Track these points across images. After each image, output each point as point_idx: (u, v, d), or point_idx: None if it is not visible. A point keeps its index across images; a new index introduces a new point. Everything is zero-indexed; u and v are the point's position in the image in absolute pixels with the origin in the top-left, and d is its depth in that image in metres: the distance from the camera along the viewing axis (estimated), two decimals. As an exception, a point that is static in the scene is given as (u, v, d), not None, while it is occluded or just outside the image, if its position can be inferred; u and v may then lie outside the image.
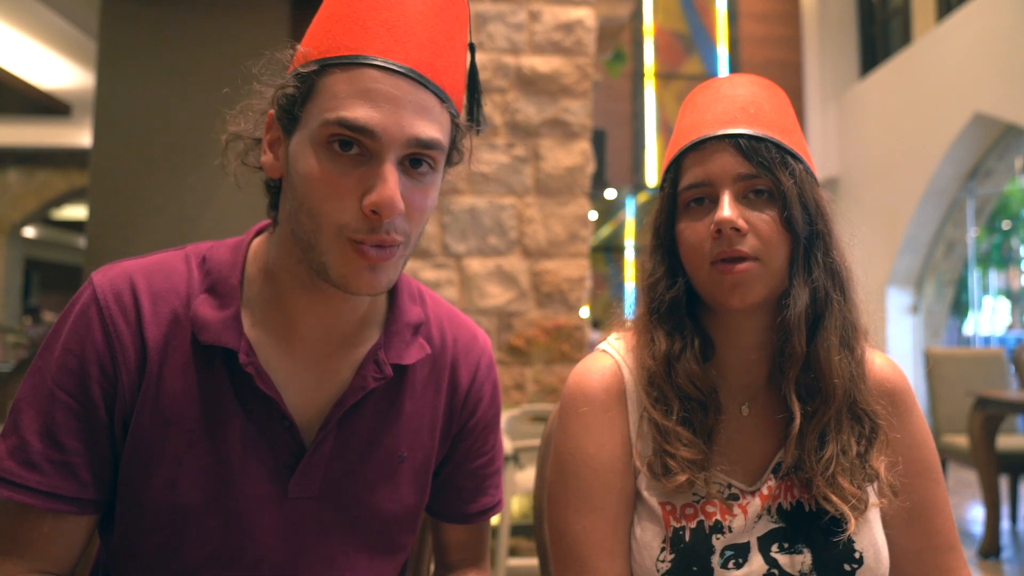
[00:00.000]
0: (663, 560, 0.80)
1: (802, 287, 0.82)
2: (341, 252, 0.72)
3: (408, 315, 0.87)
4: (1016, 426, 4.49)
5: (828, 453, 0.80)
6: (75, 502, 0.75)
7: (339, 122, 0.70)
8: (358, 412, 0.83)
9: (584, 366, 0.90)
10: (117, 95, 2.90)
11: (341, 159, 0.71)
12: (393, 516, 0.86)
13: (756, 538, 0.81)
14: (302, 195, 0.72)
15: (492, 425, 0.96)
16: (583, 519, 0.84)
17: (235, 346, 0.77)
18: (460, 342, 0.93)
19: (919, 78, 7.52)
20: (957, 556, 0.86)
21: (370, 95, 0.70)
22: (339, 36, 0.73)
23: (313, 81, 0.72)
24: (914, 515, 0.85)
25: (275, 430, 0.79)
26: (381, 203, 0.69)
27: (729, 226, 0.79)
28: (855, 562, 0.79)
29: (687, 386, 0.84)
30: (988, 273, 8.51)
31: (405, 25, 0.73)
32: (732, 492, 0.83)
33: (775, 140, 0.83)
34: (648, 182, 10.19)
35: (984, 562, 3.71)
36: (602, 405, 0.87)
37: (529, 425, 2.94)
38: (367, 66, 0.71)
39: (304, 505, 0.80)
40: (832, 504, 0.79)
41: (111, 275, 0.79)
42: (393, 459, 0.85)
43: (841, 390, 0.82)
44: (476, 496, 0.94)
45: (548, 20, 3.17)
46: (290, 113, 0.74)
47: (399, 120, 0.71)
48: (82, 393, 0.75)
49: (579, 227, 3.15)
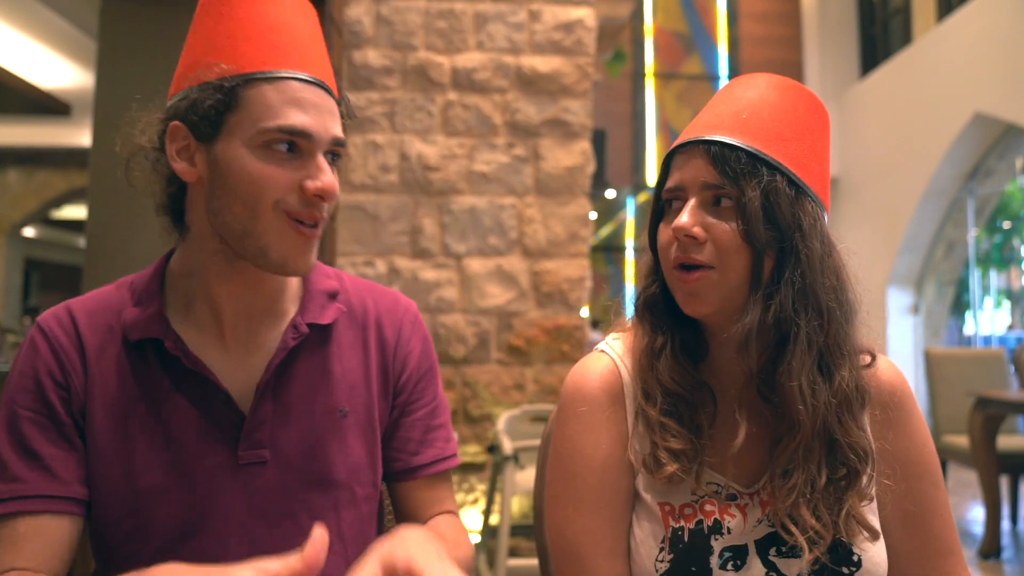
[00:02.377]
0: (662, 560, 0.80)
1: (757, 304, 0.78)
2: (281, 232, 0.82)
3: (321, 284, 0.96)
4: (1016, 426, 4.49)
5: (792, 482, 0.78)
6: (61, 500, 0.83)
7: (280, 128, 0.81)
8: (288, 374, 0.90)
9: (582, 366, 0.90)
10: (117, 95, 2.90)
11: (279, 156, 0.82)
12: (348, 469, 0.92)
13: (753, 541, 0.81)
14: (239, 189, 0.82)
15: (427, 377, 1.01)
16: (582, 519, 0.83)
17: (160, 335, 0.86)
18: (382, 304, 1.01)
19: (919, 78, 7.52)
20: (957, 560, 0.85)
21: (300, 103, 0.82)
22: (252, 54, 0.83)
23: (239, 91, 0.82)
24: (913, 519, 0.85)
25: (214, 405, 0.87)
26: (326, 189, 0.82)
27: (683, 233, 0.79)
28: (853, 565, 0.79)
29: (668, 381, 0.84)
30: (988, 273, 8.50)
31: (302, 43, 0.86)
32: (730, 492, 0.83)
33: (751, 149, 0.79)
34: (648, 182, 10.19)
35: (984, 562, 3.71)
36: (600, 405, 0.87)
37: (529, 425, 2.94)
38: (293, 79, 0.83)
39: (259, 470, 0.87)
40: (790, 534, 0.78)
41: (52, 311, 0.91)
42: (335, 414, 0.92)
43: (808, 419, 0.77)
44: (421, 447, 0.98)
45: (548, 20, 3.17)
46: (209, 121, 0.82)
47: (324, 123, 0.84)
48: (42, 404, 0.85)
49: (579, 227, 3.14)
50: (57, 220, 12.57)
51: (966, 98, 6.72)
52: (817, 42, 9.43)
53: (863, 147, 8.59)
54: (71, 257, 14.36)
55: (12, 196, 9.56)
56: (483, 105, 3.14)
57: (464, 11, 3.15)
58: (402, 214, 3.08)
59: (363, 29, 3.10)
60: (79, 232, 12.95)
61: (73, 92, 7.32)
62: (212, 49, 0.84)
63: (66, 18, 5.28)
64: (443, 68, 3.13)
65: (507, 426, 2.78)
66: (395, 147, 3.09)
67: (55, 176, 9.40)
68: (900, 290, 8.02)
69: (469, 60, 3.14)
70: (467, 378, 3.07)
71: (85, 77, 6.57)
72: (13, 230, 9.95)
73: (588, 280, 3.21)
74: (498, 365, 3.09)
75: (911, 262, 7.91)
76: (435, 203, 3.10)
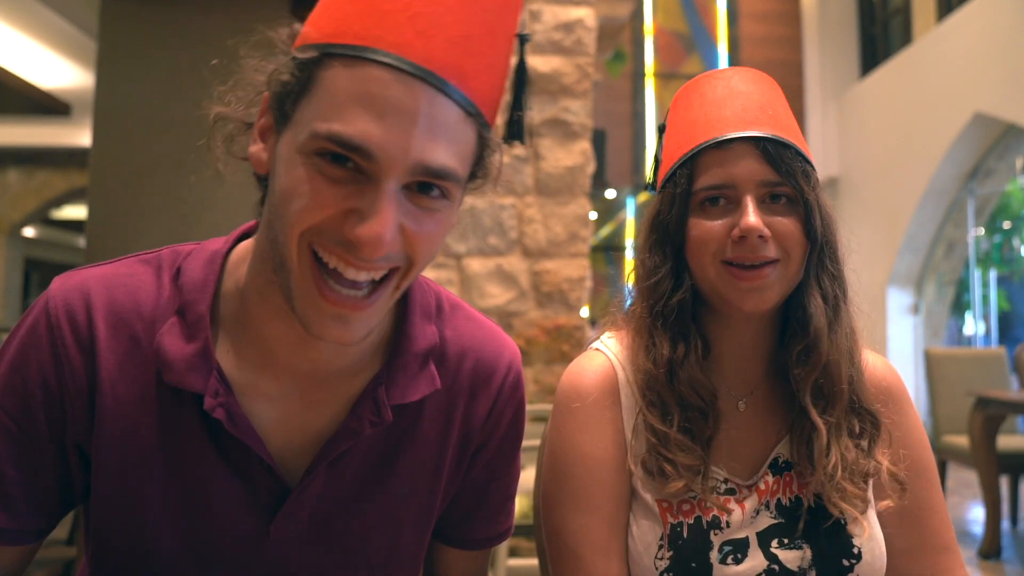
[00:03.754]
0: (661, 557, 0.80)
1: (817, 295, 0.83)
2: (304, 279, 0.61)
3: (418, 342, 0.74)
4: (1016, 426, 4.50)
5: (832, 459, 0.80)
6: (8, 533, 0.69)
7: (330, 137, 0.57)
8: (352, 450, 0.73)
9: (577, 365, 0.90)
10: (117, 95, 2.89)
11: (328, 172, 0.59)
12: (388, 551, 0.77)
13: (755, 533, 0.81)
14: (279, 203, 0.61)
15: (511, 453, 0.84)
16: (579, 518, 0.83)
17: (201, 389, 0.66)
18: (481, 364, 0.80)
19: (919, 78, 7.52)
20: (953, 557, 0.85)
21: (374, 103, 0.57)
22: (346, 18, 0.59)
23: (311, 72, 0.60)
24: (908, 515, 0.85)
25: (253, 471, 0.70)
26: (364, 239, 0.57)
27: (756, 234, 0.78)
28: (854, 557, 0.79)
29: (689, 394, 0.83)
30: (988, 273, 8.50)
31: (431, 11, 0.59)
32: (729, 487, 0.83)
33: (798, 148, 0.83)
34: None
35: (984, 562, 3.71)
36: (596, 403, 0.86)
37: (529, 425, 2.93)
38: (375, 62, 0.58)
39: (289, 545, 0.72)
40: (838, 508, 0.79)
41: (68, 286, 0.70)
42: (393, 497, 0.76)
43: (846, 395, 0.82)
44: (484, 524, 0.86)
45: (548, 20, 3.17)
46: (283, 105, 0.62)
47: (406, 140, 0.58)
48: (24, 416, 0.68)
49: (579, 227, 3.14)
50: (57, 220, 12.57)
51: (966, 98, 6.72)
52: (817, 42, 9.43)
53: (863, 147, 8.59)
54: (71, 257, 14.36)
55: (12, 196, 9.56)
56: (483, 105, 3.14)
57: (464, 11, 3.15)
58: (402, 214, 3.08)
59: (363, 29, 3.10)
60: (79, 232, 12.95)
61: (73, 92, 7.31)
62: (315, 10, 0.63)
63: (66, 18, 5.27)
64: (443, 68, 3.13)
65: (507, 426, 2.78)
66: (395, 147, 3.09)
67: (55, 176, 9.39)
68: (900, 290, 8.02)
69: (469, 60, 3.14)
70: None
71: (85, 77, 6.56)
72: (13, 230, 9.94)
73: (588, 280, 3.21)
74: (498, 365, 3.10)
75: (911, 262, 7.90)
76: (435, 203, 3.10)
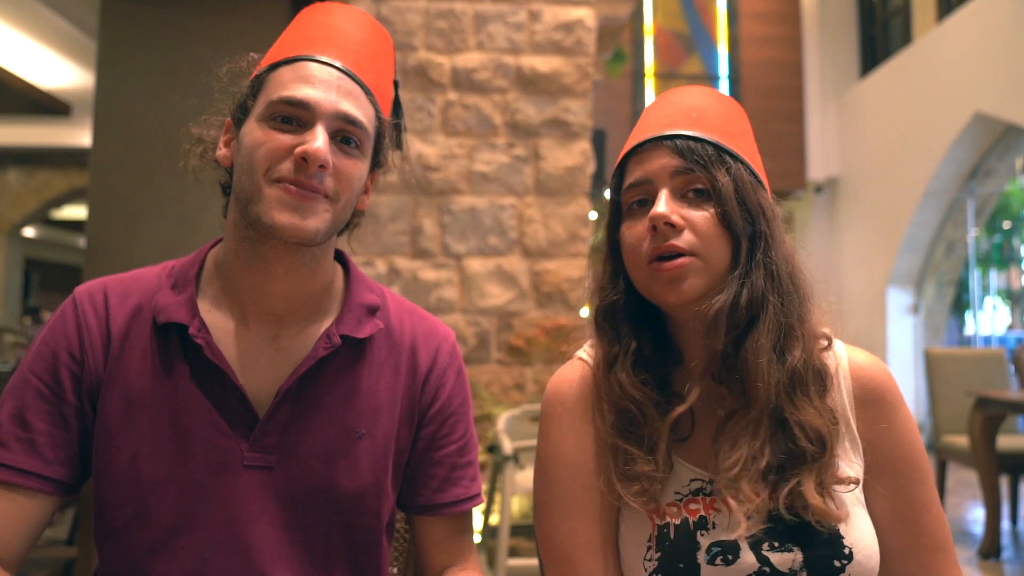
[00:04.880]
0: (649, 559, 0.81)
1: (734, 284, 0.81)
2: (269, 194, 0.83)
3: (362, 297, 0.94)
4: (1016, 426, 4.49)
5: (735, 456, 0.79)
6: (37, 478, 0.83)
7: (281, 100, 0.83)
8: (312, 384, 0.88)
9: (560, 373, 0.93)
10: (117, 95, 2.89)
11: (279, 126, 0.83)
12: (349, 493, 0.88)
13: (745, 537, 0.81)
14: (245, 160, 0.84)
15: (459, 414, 0.98)
16: (567, 522, 0.84)
17: (187, 321, 0.85)
18: (420, 329, 0.98)
19: (919, 78, 7.52)
20: (947, 556, 0.85)
21: (309, 79, 0.84)
22: (286, 46, 0.89)
23: (263, 79, 0.87)
24: (900, 515, 0.84)
25: (229, 402, 0.85)
26: (308, 151, 0.81)
27: (663, 221, 0.79)
28: (845, 558, 0.79)
29: (618, 397, 0.84)
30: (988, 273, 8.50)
31: (339, 37, 0.89)
32: (716, 488, 0.83)
33: (712, 140, 0.83)
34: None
35: (984, 562, 3.71)
36: (577, 410, 0.88)
37: (529, 425, 2.94)
38: (307, 61, 0.86)
39: (262, 475, 0.85)
40: (726, 506, 0.79)
41: (88, 285, 0.91)
42: (350, 435, 0.89)
43: (764, 395, 0.80)
44: (446, 486, 0.96)
45: (548, 20, 3.17)
46: (243, 108, 0.88)
47: (329, 97, 0.84)
48: (52, 378, 0.85)
49: (579, 227, 3.14)
50: (57, 220, 12.57)
51: (966, 98, 6.72)
52: (817, 42, 9.43)
53: (863, 147, 8.59)
54: (71, 257, 14.36)
55: (12, 196, 9.56)
56: (483, 105, 3.14)
57: (464, 11, 3.15)
58: (402, 214, 3.08)
59: (363, 29, 3.10)
60: (79, 232, 12.95)
61: (73, 92, 7.31)
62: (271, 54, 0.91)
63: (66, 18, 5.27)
64: (443, 68, 3.13)
65: (507, 426, 2.78)
66: (395, 147, 3.09)
67: (55, 176, 9.39)
68: (900, 290, 8.02)
69: (469, 60, 3.14)
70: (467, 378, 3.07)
71: (85, 77, 6.56)
72: (13, 230, 9.94)
73: (588, 280, 3.21)
74: (498, 365, 3.09)
75: (911, 262, 7.90)
76: (435, 203, 3.10)
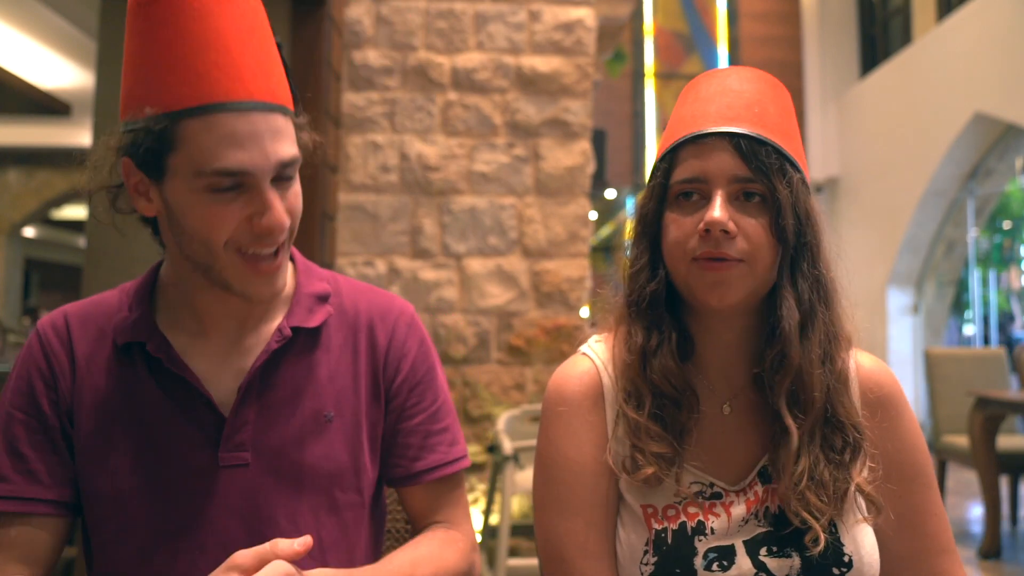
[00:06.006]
0: (646, 563, 0.80)
1: (790, 298, 0.81)
2: (237, 269, 0.83)
3: (311, 287, 0.95)
4: (1016, 426, 4.49)
5: (800, 467, 0.79)
6: (43, 503, 0.86)
7: (215, 172, 0.78)
8: (272, 377, 0.90)
9: (563, 370, 0.91)
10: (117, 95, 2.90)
11: (223, 195, 0.80)
12: (329, 474, 0.90)
13: (743, 541, 0.80)
14: (192, 230, 0.81)
15: (426, 382, 0.99)
16: (565, 522, 0.84)
17: (145, 338, 0.87)
18: (375, 307, 0.99)
19: (919, 78, 7.52)
20: (952, 559, 0.85)
21: (234, 139, 0.78)
22: (177, 88, 0.78)
23: (169, 132, 0.78)
24: (906, 520, 0.84)
25: (196, 408, 0.87)
26: (272, 227, 0.80)
27: (719, 228, 0.77)
28: (844, 565, 0.79)
29: (661, 383, 0.82)
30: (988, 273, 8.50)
31: (231, 60, 0.78)
32: (715, 491, 0.83)
33: (776, 145, 0.80)
34: (648, 182, 10.15)
35: (984, 562, 3.71)
36: (580, 408, 0.87)
37: (529, 425, 2.94)
38: (220, 111, 0.77)
39: (240, 473, 0.87)
40: (799, 517, 0.78)
41: (50, 316, 0.94)
42: (320, 419, 0.91)
43: (820, 403, 0.80)
44: (422, 453, 0.97)
45: (548, 20, 3.17)
46: (153, 162, 0.80)
47: (264, 152, 0.79)
48: (32, 407, 0.88)
49: (579, 227, 3.14)
50: (57, 220, 12.56)
51: (966, 98, 6.72)
52: (817, 42, 9.43)
53: (863, 147, 8.59)
54: (71, 257, 14.36)
55: (12, 196, 9.55)
56: (483, 105, 3.14)
57: (464, 11, 3.15)
58: (402, 214, 3.08)
59: (363, 29, 3.10)
60: (79, 232, 12.95)
61: (73, 92, 7.31)
62: (140, 81, 0.80)
63: (66, 18, 5.27)
64: (443, 68, 3.13)
65: (507, 426, 2.78)
66: (395, 147, 3.09)
67: (55, 176, 9.39)
68: (900, 290, 8.02)
69: (469, 60, 3.14)
70: (467, 378, 3.07)
71: (85, 77, 6.56)
72: (13, 230, 9.94)
73: (588, 280, 3.21)
74: (498, 365, 3.09)
75: (911, 262, 7.90)
76: (435, 203, 3.10)
